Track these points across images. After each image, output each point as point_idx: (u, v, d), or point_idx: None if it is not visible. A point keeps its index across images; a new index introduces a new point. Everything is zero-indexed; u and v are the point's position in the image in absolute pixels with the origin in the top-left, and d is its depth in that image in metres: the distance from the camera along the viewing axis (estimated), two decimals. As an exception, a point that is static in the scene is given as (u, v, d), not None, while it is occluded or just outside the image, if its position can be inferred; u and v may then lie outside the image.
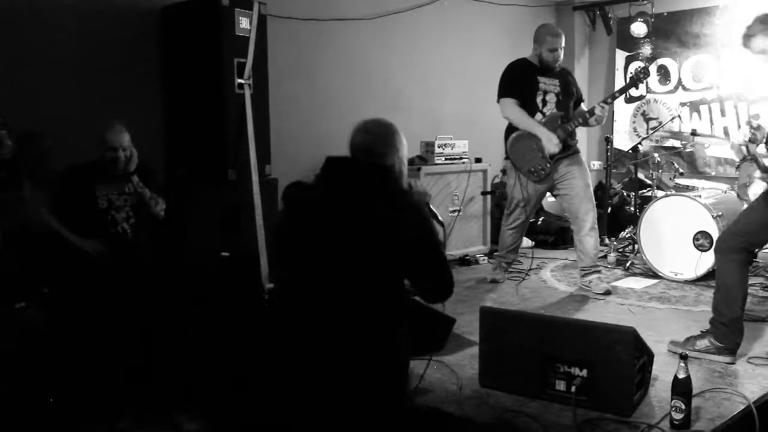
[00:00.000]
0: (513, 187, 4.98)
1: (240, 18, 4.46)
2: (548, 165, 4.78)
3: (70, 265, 3.77)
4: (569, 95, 4.93)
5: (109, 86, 4.59)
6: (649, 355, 2.96)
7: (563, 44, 4.83)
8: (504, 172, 5.44)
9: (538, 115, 4.81)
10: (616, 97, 5.07)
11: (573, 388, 2.72)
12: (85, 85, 4.49)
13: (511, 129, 4.91)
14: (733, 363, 3.37)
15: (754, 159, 3.51)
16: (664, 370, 3.15)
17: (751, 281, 4.90)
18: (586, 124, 4.89)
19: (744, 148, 3.97)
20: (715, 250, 3.51)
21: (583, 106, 5.02)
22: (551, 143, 4.70)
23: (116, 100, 4.57)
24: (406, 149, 2.63)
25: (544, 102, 4.83)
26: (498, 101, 4.92)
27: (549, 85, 4.84)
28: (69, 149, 4.11)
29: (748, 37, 3.37)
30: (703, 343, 3.43)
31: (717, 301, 3.44)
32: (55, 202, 3.90)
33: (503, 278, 5.23)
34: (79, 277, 3.73)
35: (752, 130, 3.65)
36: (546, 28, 4.91)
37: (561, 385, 2.80)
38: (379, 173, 2.48)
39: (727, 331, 3.38)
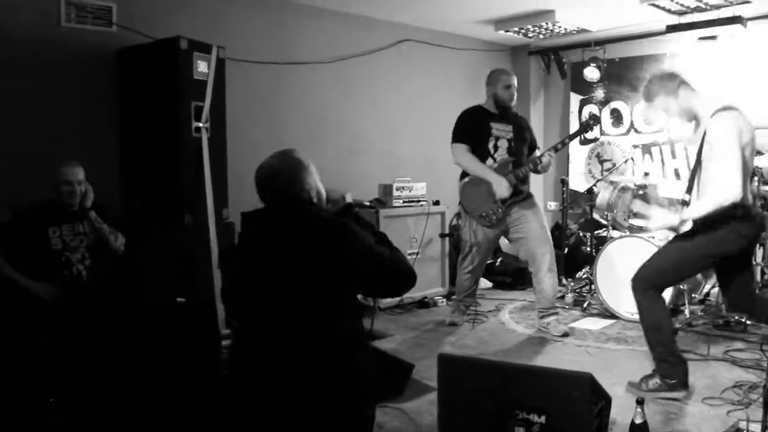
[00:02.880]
0: (465, 232, 5.03)
1: (198, 61, 4.45)
2: (500, 210, 4.82)
3: (22, 310, 3.68)
4: (523, 141, 4.99)
5: (64, 127, 4.55)
6: (607, 400, 2.96)
7: (516, 83, 4.95)
8: (459, 215, 5.48)
9: (490, 160, 4.86)
10: (566, 144, 5.13)
11: (532, 435, 2.71)
12: (39, 126, 4.43)
13: (465, 174, 4.97)
14: (686, 397, 3.45)
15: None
16: (622, 413, 3.17)
17: (702, 321, 5.02)
18: (536, 170, 4.96)
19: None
20: (633, 288, 3.57)
21: (537, 153, 5.10)
22: (501, 187, 4.75)
23: (72, 141, 4.54)
24: (314, 172, 2.56)
25: (496, 147, 4.88)
26: (451, 146, 4.98)
27: (501, 131, 4.90)
28: (21, 188, 4.05)
29: (648, 97, 3.52)
30: (654, 382, 3.51)
31: (650, 340, 3.53)
32: (6, 245, 3.80)
33: (462, 321, 5.23)
34: (31, 322, 3.64)
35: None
36: (498, 70, 5.05)
37: (520, 432, 2.78)
38: (297, 212, 2.45)
39: (669, 366, 3.47)
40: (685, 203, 3.44)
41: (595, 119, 5.17)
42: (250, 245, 2.53)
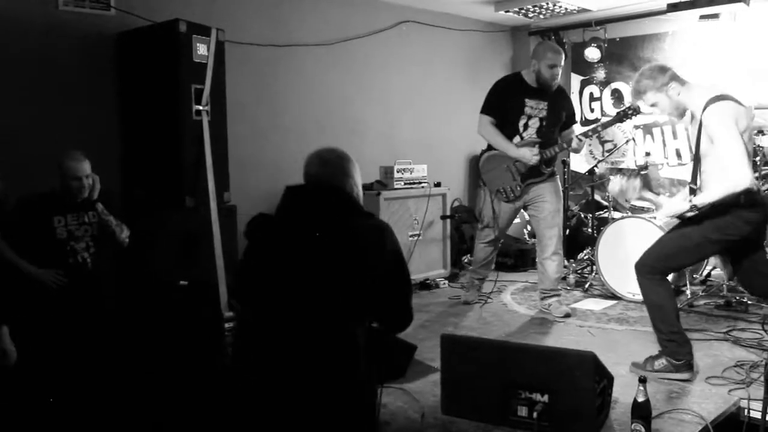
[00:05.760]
0: (484, 204, 5.02)
1: (197, 44, 4.42)
2: (519, 187, 4.80)
3: (27, 297, 3.68)
4: (556, 120, 4.83)
5: (65, 112, 4.53)
6: (609, 379, 2.98)
7: (563, 63, 4.72)
8: (480, 187, 5.40)
9: (516, 138, 4.77)
10: (599, 131, 4.92)
11: (535, 414, 2.72)
12: (37, 112, 4.42)
13: (489, 147, 4.92)
14: (691, 379, 3.45)
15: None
16: (624, 393, 3.18)
17: (704, 301, 5.02)
18: (567, 150, 4.91)
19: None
20: (636, 272, 3.57)
21: (573, 128, 4.99)
22: (525, 154, 4.67)
23: (72, 126, 4.53)
24: (359, 175, 2.62)
25: (526, 126, 4.77)
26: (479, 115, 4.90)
27: (535, 108, 4.74)
28: (23, 175, 4.05)
29: (638, 93, 3.48)
30: (661, 363, 3.51)
31: (653, 320, 3.53)
32: (10, 234, 3.80)
33: (476, 299, 5.26)
34: (36, 309, 3.65)
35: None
36: (546, 45, 4.92)
37: (523, 411, 2.80)
38: (341, 198, 2.46)
39: (675, 345, 3.46)
40: (693, 191, 3.39)
41: (635, 110, 4.71)
42: (288, 218, 2.49)
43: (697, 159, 3.41)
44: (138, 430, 3.20)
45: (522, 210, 5.14)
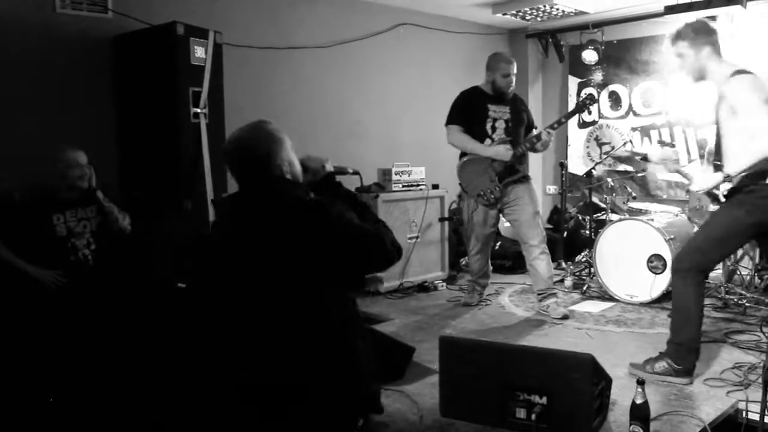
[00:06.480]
0: (466, 212, 5.06)
1: (195, 47, 4.42)
2: (497, 189, 4.83)
3: (25, 295, 3.68)
4: (520, 122, 4.99)
5: (62, 114, 4.53)
6: (607, 381, 2.98)
7: (515, 71, 4.91)
8: (461, 197, 5.49)
9: (487, 141, 4.86)
10: (563, 123, 5.10)
11: (533, 416, 2.71)
12: (34, 115, 4.41)
13: (464, 155, 4.97)
14: (690, 384, 3.44)
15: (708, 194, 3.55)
16: (622, 394, 3.18)
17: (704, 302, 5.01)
18: (534, 149, 4.95)
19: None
20: (672, 271, 3.54)
21: (534, 132, 5.09)
22: (501, 151, 4.76)
23: (69, 128, 4.52)
24: (289, 146, 2.45)
25: (494, 128, 4.88)
26: (445, 128, 5.00)
27: (499, 112, 4.90)
28: (21, 177, 4.05)
29: (676, 37, 3.46)
30: (661, 366, 3.49)
31: (675, 322, 3.49)
32: (9, 234, 3.79)
33: (476, 301, 5.27)
34: (36, 307, 3.65)
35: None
36: (499, 56, 4.98)
37: (521, 413, 2.79)
38: (266, 200, 2.35)
39: (684, 352, 3.44)
40: (717, 168, 3.35)
41: (591, 98, 5.14)
42: (227, 235, 2.42)
43: (719, 135, 3.39)
44: (138, 430, 3.20)
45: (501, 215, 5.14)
